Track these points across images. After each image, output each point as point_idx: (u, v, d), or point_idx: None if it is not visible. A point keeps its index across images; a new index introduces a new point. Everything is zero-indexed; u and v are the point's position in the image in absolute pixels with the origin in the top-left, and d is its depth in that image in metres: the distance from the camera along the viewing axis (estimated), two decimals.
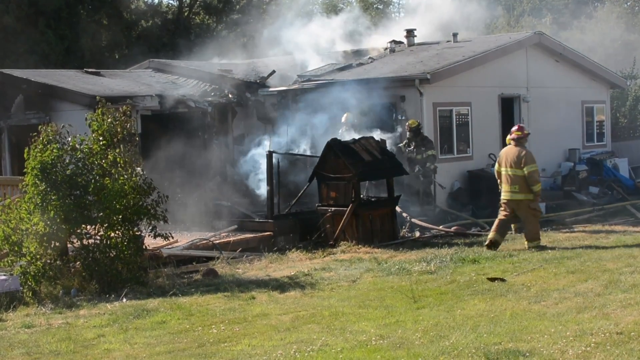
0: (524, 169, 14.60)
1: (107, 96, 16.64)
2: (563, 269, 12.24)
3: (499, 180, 15.17)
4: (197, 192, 18.73)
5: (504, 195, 14.90)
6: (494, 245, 14.68)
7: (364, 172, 16.41)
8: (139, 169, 13.27)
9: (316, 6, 48.07)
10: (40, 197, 12.48)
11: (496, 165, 15.28)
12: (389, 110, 19.97)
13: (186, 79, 23.63)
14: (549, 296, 10.43)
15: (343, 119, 19.35)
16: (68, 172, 12.70)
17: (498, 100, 21.90)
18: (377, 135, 18.04)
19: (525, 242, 14.80)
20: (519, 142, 14.95)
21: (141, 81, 22.95)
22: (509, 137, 15.16)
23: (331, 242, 16.06)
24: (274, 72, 22.57)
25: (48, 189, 12.49)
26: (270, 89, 22.03)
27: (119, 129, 13.15)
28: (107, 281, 12.54)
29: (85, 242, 12.82)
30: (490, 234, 14.90)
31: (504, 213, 14.92)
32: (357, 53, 24.23)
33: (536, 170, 14.79)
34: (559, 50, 23.70)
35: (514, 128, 15.31)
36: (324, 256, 15.12)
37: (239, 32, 38.83)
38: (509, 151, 14.93)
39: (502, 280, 11.67)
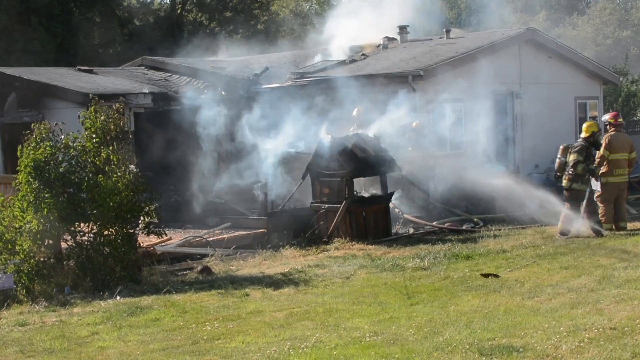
0: (633, 152, 15.39)
1: (100, 94, 16.60)
2: (556, 264, 12.27)
3: (604, 166, 15.28)
4: (190, 189, 18.70)
5: (620, 179, 15.35)
6: (625, 228, 15.28)
7: (357, 169, 16.40)
8: (132, 166, 13.26)
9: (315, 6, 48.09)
10: (33, 195, 12.45)
11: (603, 151, 15.35)
12: (383, 106, 19.91)
13: (179, 77, 23.59)
14: (542, 292, 10.45)
15: (354, 113, 19.17)
16: (61, 169, 12.68)
17: (491, 97, 21.88)
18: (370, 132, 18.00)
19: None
20: (621, 128, 15.65)
21: (134, 79, 22.91)
22: (610, 124, 15.55)
23: (325, 239, 16.06)
24: (267, 69, 22.52)
25: (41, 187, 12.46)
26: (264, 86, 21.98)
27: (112, 127, 13.13)
28: (100, 279, 12.52)
29: (78, 239, 12.80)
30: (622, 224, 15.31)
31: (615, 198, 15.32)
32: (350, 49, 24.18)
33: None
34: (551, 46, 23.70)
35: (610, 116, 15.72)
36: (318, 253, 15.12)
37: (232, 29, 38.83)
38: (620, 137, 15.53)
39: (496, 276, 11.70)
